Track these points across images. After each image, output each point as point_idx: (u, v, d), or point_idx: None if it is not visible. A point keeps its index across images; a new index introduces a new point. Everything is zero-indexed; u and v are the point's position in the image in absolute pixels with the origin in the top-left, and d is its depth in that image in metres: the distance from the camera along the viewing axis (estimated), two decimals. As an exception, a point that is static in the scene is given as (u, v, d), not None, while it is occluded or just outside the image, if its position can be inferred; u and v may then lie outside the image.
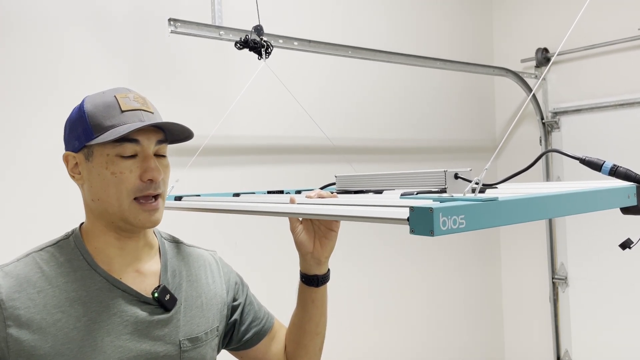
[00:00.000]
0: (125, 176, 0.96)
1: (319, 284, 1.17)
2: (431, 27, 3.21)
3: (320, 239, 1.14)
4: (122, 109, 0.98)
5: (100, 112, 0.97)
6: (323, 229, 1.13)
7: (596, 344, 3.15)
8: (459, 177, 1.00)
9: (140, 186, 0.97)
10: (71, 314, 0.94)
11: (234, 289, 1.20)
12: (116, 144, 0.96)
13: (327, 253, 1.15)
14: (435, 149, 3.22)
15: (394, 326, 2.96)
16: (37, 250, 1.00)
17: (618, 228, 1.18)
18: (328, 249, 1.15)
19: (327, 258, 1.17)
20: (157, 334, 1.00)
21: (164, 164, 1.03)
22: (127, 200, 0.97)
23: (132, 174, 0.97)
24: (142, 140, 0.98)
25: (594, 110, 3.10)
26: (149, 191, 0.98)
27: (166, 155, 1.05)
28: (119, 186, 0.96)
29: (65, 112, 1.06)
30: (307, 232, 1.13)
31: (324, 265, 1.17)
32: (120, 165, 0.96)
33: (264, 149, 2.47)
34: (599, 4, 2.92)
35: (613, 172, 0.97)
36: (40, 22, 1.90)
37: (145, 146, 0.98)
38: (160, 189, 1.00)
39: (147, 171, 0.97)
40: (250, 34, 1.76)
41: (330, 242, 1.14)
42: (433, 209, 0.64)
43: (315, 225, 1.14)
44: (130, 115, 0.97)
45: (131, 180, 0.97)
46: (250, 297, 1.24)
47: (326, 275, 1.19)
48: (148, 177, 0.97)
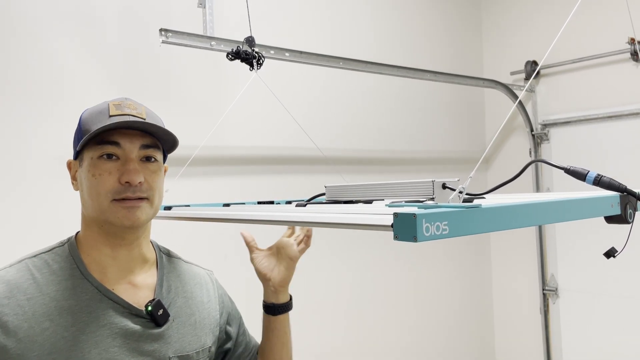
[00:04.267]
0: (104, 178, 0.96)
1: (275, 312, 1.20)
2: (422, 39, 3.24)
3: (279, 267, 1.19)
4: (110, 114, 0.98)
5: (92, 118, 0.99)
6: (285, 258, 1.19)
7: (587, 355, 3.15)
8: (446, 187, 1.01)
9: (119, 188, 0.97)
10: (59, 323, 0.92)
11: (228, 313, 1.20)
12: (97, 147, 0.97)
13: (283, 282, 1.20)
14: (426, 160, 3.24)
15: (383, 338, 2.95)
16: (31, 256, 0.99)
17: (609, 239, 1.19)
18: (285, 278, 1.20)
19: (283, 287, 1.21)
20: (147, 348, 0.98)
21: (151, 169, 1.02)
22: (106, 202, 0.96)
23: (111, 176, 0.97)
24: (124, 143, 0.98)
25: (583, 122, 3.13)
26: (126, 194, 0.97)
27: (157, 160, 1.04)
28: (98, 188, 0.96)
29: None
30: (268, 260, 1.20)
31: (281, 295, 1.21)
32: (101, 167, 0.97)
33: (255, 159, 2.47)
34: (588, 17, 2.97)
35: (597, 182, 0.98)
36: (30, 29, 1.90)
37: (127, 149, 0.98)
38: (143, 193, 0.99)
39: (125, 173, 0.97)
40: (242, 45, 1.77)
41: (288, 272, 1.20)
42: (416, 215, 0.65)
43: (278, 254, 1.20)
44: (115, 119, 0.97)
45: (110, 182, 0.96)
46: (244, 327, 1.25)
47: (284, 305, 1.21)
48: (125, 180, 0.96)
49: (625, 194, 0.98)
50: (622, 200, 0.97)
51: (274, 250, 1.24)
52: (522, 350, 3.46)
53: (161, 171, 1.05)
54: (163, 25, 1.95)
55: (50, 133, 1.89)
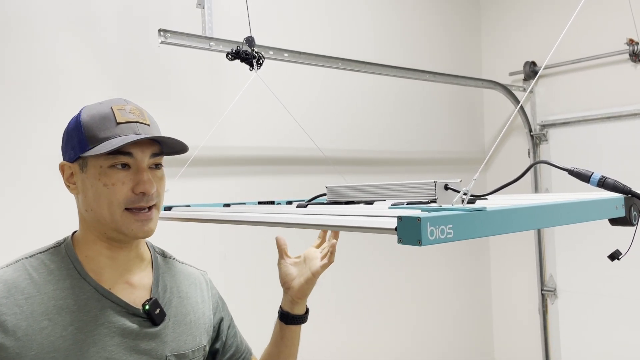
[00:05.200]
0: (117, 188, 0.96)
1: (288, 321, 1.21)
2: (421, 40, 3.24)
3: (300, 278, 1.20)
4: (118, 121, 0.97)
5: (96, 123, 0.97)
6: (308, 269, 1.19)
7: (585, 355, 3.15)
8: (449, 188, 1.00)
9: (132, 198, 0.97)
10: (58, 322, 0.93)
11: (220, 313, 1.20)
12: (109, 156, 0.96)
13: (301, 294, 1.20)
14: (426, 161, 3.23)
15: (382, 338, 2.94)
16: (28, 256, 0.99)
17: (607, 240, 1.18)
18: (304, 290, 1.20)
19: (300, 299, 1.21)
20: (144, 347, 0.99)
21: (159, 176, 1.03)
22: (118, 211, 0.97)
23: (125, 185, 0.97)
24: (136, 153, 0.98)
25: (581, 122, 3.13)
26: (140, 203, 0.98)
27: (162, 167, 1.05)
28: (110, 197, 0.96)
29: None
30: (292, 269, 1.21)
31: (297, 306, 1.22)
32: (113, 177, 0.96)
33: (255, 159, 2.47)
34: (587, 18, 2.96)
35: (601, 184, 0.98)
36: (26, 29, 1.89)
37: (139, 159, 0.98)
38: (153, 200, 1.00)
39: (140, 184, 0.97)
40: (242, 45, 1.76)
41: (307, 286, 1.20)
42: (421, 219, 0.64)
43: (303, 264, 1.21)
44: (125, 128, 0.97)
45: (123, 192, 0.97)
46: (235, 330, 1.25)
47: (298, 317, 1.22)
48: (140, 190, 0.97)
49: (630, 196, 0.97)
50: (626, 202, 0.96)
51: (301, 259, 1.24)
52: (520, 350, 3.46)
53: (165, 177, 1.06)
54: (162, 25, 1.94)
55: (49, 133, 1.87)
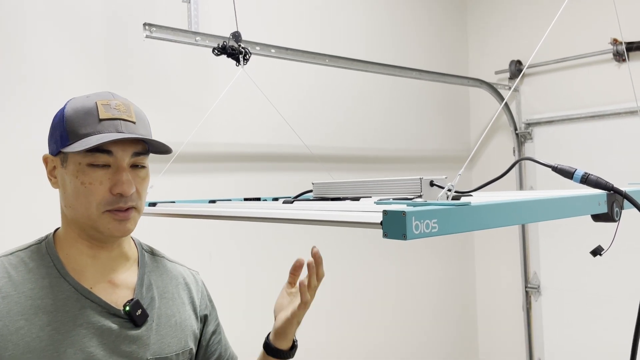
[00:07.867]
0: (94, 187, 0.93)
1: (268, 351, 1.13)
2: (408, 38, 3.25)
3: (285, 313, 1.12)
4: (100, 117, 0.94)
5: (78, 118, 0.94)
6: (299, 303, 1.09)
7: (569, 352, 3.19)
8: (434, 185, 1.01)
9: (110, 199, 0.94)
10: (34, 322, 0.90)
11: (208, 315, 1.16)
12: (88, 154, 0.93)
13: (280, 330, 1.12)
14: (412, 159, 3.25)
15: (366, 334, 2.95)
16: (7, 254, 0.97)
17: (590, 238, 1.19)
18: (282, 327, 1.12)
19: (280, 335, 1.13)
20: (124, 349, 0.96)
21: (141, 176, 0.99)
22: (96, 212, 0.94)
23: (102, 185, 0.93)
24: (116, 152, 0.94)
25: (565, 121, 3.16)
26: (119, 204, 0.94)
27: (146, 167, 1.01)
28: (88, 197, 0.93)
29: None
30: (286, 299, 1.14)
31: (279, 341, 1.13)
32: (91, 176, 0.93)
33: (242, 156, 2.46)
34: (572, 18, 2.99)
35: (584, 180, 0.99)
36: (11, 24, 1.87)
37: (119, 158, 0.95)
38: (133, 202, 0.96)
39: (117, 184, 0.94)
40: (228, 40, 1.75)
41: (284, 324, 1.11)
42: (406, 213, 0.64)
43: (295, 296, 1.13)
44: (107, 125, 0.94)
45: (100, 192, 0.93)
46: (220, 336, 1.20)
47: (281, 352, 1.13)
48: (117, 191, 0.94)
49: (612, 192, 0.98)
50: (608, 198, 0.98)
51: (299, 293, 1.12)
52: (504, 346, 3.49)
53: (149, 176, 1.03)
54: (148, 19, 1.92)
55: (34, 128, 1.85)
